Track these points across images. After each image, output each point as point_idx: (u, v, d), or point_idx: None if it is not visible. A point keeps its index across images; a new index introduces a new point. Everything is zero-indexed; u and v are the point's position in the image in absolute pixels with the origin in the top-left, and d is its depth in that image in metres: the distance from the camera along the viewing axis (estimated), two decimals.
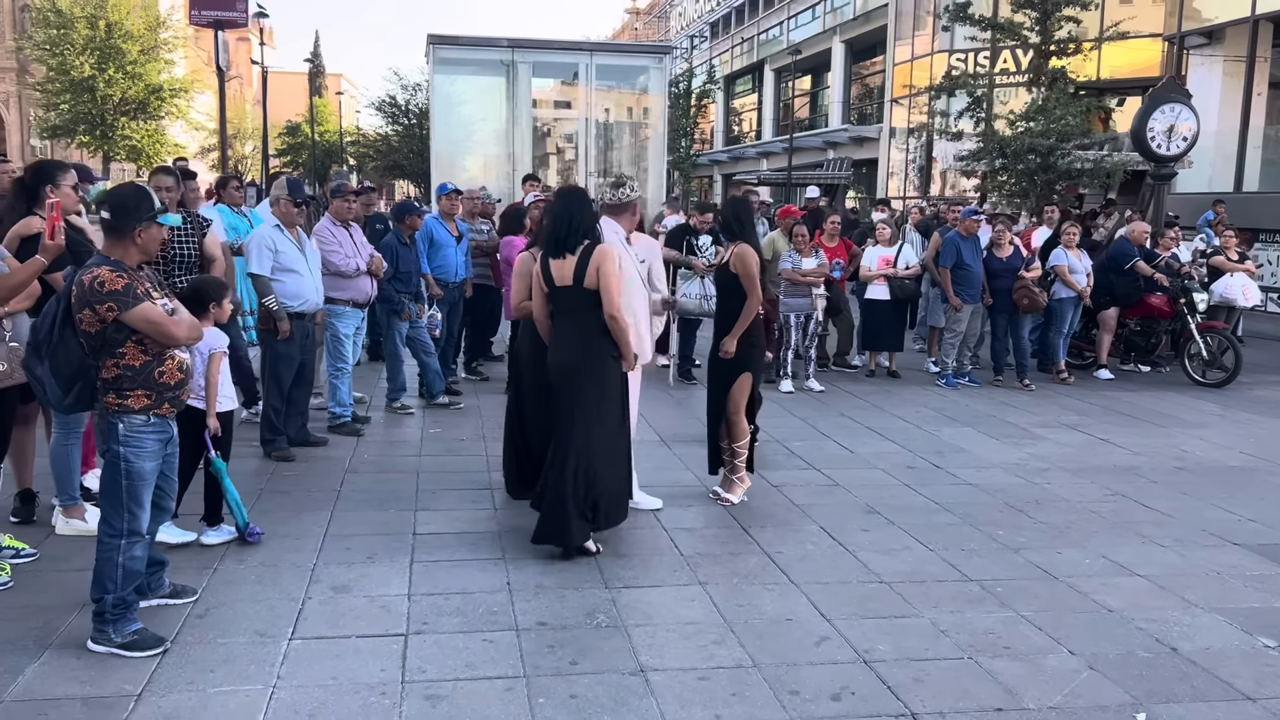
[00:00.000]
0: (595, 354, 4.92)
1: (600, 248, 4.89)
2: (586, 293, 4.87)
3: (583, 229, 4.92)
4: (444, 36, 15.57)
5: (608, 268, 4.84)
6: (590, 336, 4.92)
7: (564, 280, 4.89)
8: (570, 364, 4.91)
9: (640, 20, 62.74)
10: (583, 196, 5.13)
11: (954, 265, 9.87)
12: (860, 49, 36.50)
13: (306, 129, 57.00)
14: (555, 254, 4.92)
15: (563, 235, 4.91)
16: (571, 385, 4.90)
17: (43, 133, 47.94)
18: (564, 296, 4.93)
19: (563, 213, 4.98)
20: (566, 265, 4.88)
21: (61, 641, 3.90)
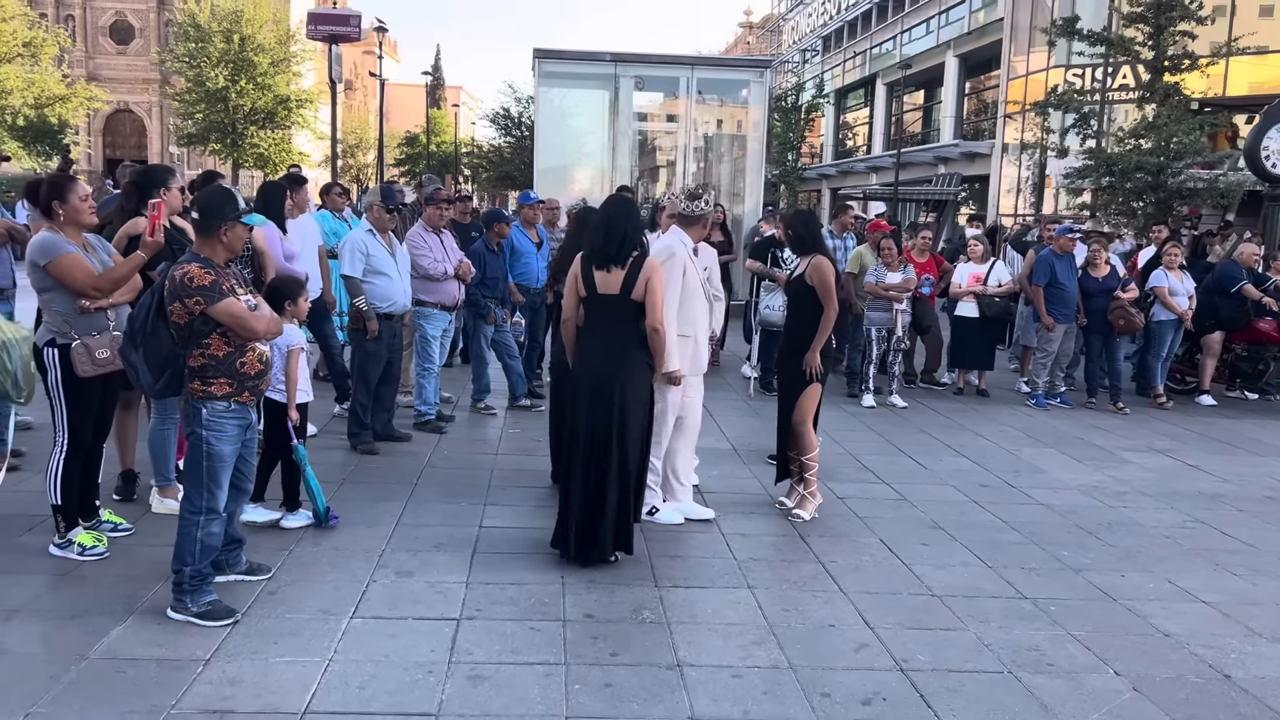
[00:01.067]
0: (632, 364, 4.92)
1: (650, 261, 4.93)
2: (632, 304, 4.89)
3: (632, 240, 4.92)
4: (549, 50, 15.94)
5: (656, 282, 4.88)
6: (629, 347, 4.93)
7: (609, 289, 4.91)
8: (608, 374, 4.88)
9: (753, 34, 62.75)
10: (630, 206, 5.14)
11: (1048, 284, 9.69)
12: (974, 64, 35.83)
13: (424, 140, 58.72)
14: (602, 266, 4.91)
15: (613, 249, 4.89)
16: (608, 395, 4.87)
17: (179, 140, 50.50)
18: (606, 304, 4.93)
19: (614, 225, 4.95)
20: (614, 275, 4.89)
21: (145, 608, 4.22)
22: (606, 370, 4.90)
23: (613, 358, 4.92)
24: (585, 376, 4.96)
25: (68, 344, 4.60)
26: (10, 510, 5.31)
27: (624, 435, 4.89)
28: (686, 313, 5.49)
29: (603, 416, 4.87)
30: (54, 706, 3.42)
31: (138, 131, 68.49)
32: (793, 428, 5.96)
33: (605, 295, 4.91)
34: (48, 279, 4.59)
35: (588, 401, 4.91)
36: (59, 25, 57.88)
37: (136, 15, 66.55)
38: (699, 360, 5.66)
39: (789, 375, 6.01)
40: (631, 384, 4.91)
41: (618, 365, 4.90)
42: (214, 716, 3.40)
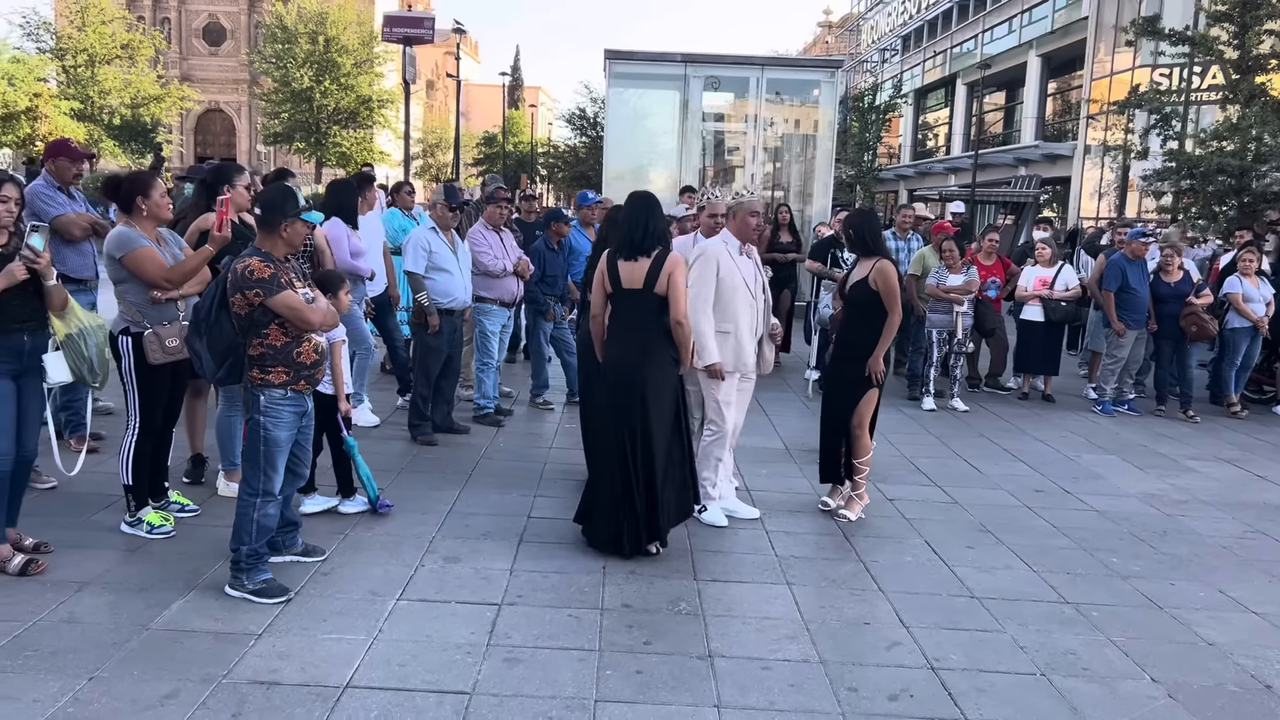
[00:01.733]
0: (655, 357, 5.00)
1: (673, 255, 5.01)
2: (655, 297, 4.98)
3: (656, 233, 5.02)
4: (619, 51, 16.08)
5: (678, 276, 4.97)
6: (651, 340, 5.02)
7: (633, 283, 5.01)
8: (631, 366, 4.99)
9: (832, 34, 62.26)
10: (654, 201, 5.20)
11: (1118, 289, 9.52)
12: (1058, 64, 35.12)
13: (501, 140, 59.48)
14: (628, 256, 5.02)
15: (637, 238, 5.01)
16: (631, 386, 4.97)
17: (265, 139, 51.95)
18: (630, 299, 5.04)
19: (637, 217, 5.07)
20: (638, 269, 4.99)
21: (205, 584, 4.44)
22: (630, 364, 5.01)
23: (636, 351, 5.02)
24: (611, 370, 5.09)
25: (140, 333, 4.86)
26: (88, 490, 5.61)
27: (648, 428, 4.97)
28: (726, 310, 5.53)
29: (626, 410, 4.98)
30: (115, 671, 3.64)
31: (227, 130, 70.56)
32: (850, 431, 5.91)
33: (629, 290, 5.03)
34: (122, 270, 4.85)
35: (612, 395, 5.04)
36: (155, 28, 60.00)
37: (228, 17, 68.60)
38: (742, 358, 5.68)
39: (845, 379, 5.90)
40: (653, 377, 4.99)
41: (641, 359, 5.00)
42: (261, 687, 3.59)
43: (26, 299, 4.49)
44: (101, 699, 3.44)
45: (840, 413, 5.97)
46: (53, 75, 44.17)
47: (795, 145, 17.85)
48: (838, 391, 6.01)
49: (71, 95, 42.30)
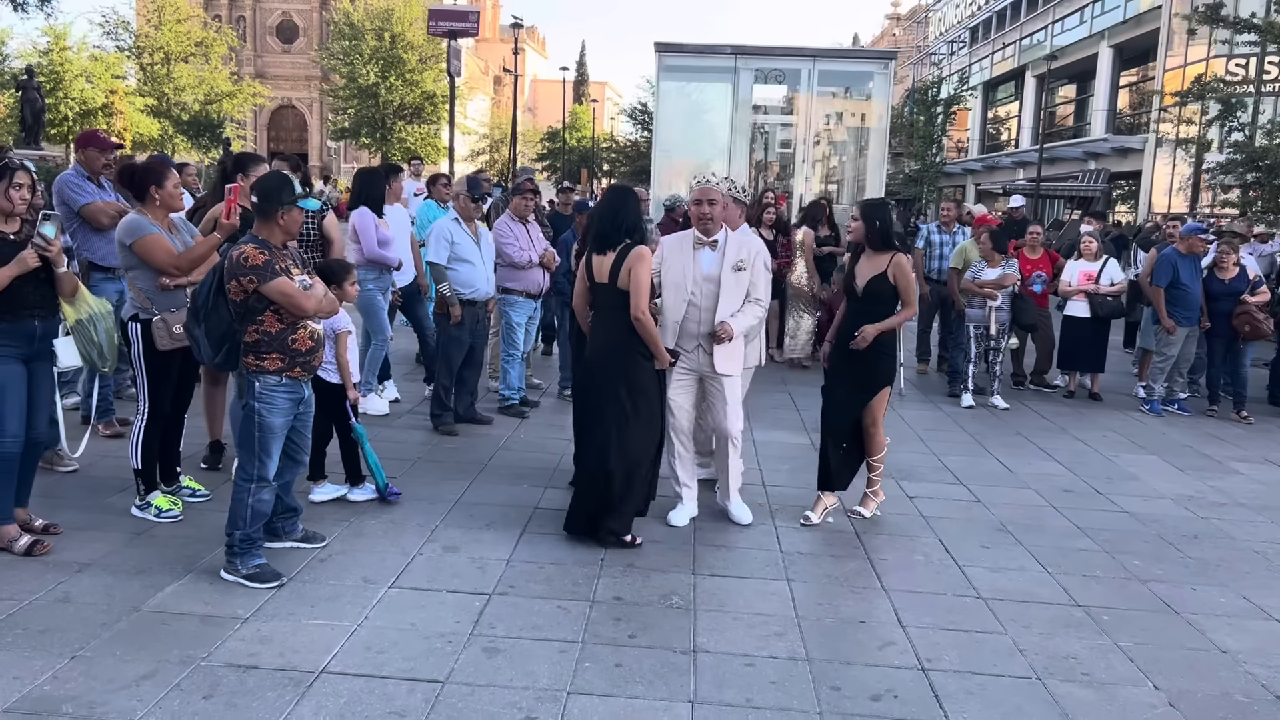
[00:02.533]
0: (621, 351, 5.00)
1: (636, 249, 4.94)
2: (619, 292, 4.96)
3: (625, 227, 5.00)
4: (669, 44, 15.97)
5: (639, 270, 4.90)
6: (618, 334, 5.00)
7: (601, 277, 5.02)
8: (599, 359, 5.06)
9: (900, 26, 61.37)
10: (628, 194, 5.20)
11: (1169, 285, 9.20)
12: (1130, 55, 34.16)
13: (565, 136, 59.74)
14: (598, 250, 5.05)
15: (606, 231, 5.02)
16: (600, 380, 5.03)
17: (332, 135, 52.89)
18: (601, 293, 5.08)
19: (606, 210, 5.10)
20: (606, 262, 5.00)
21: (202, 568, 4.50)
22: (600, 356, 5.07)
23: (606, 345, 5.06)
24: (585, 361, 5.20)
25: (149, 319, 4.94)
26: (108, 474, 5.74)
27: (620, 420, 4.97)
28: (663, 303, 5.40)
29: (594, 402, 5.05)
30: (98, 651, 3.69)
31: (299, 126, 72.06)
32: (864, 430, 5.73)
33: (599, 284, 5.06)
34: (133, 257, 4.93)
35: (585, 387, 5.13)
36: (230, 26, 61.40)
37: (301, 15, 69.98)
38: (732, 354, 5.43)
39: (855, 376, 5.62)
40: (624, 371, 5.00)
41: (610, 352, 5.03)
42: (238, 670, 3.61)
43: (38, 285, 4.59)
44: (80, 678, 3.50)
45: (845, 413, 5.66)
46: (131, 73, 45.53)
47: (848, 138, 17.60)
48: (843, 391, 5.66)
49: (147, 92, 43.53)
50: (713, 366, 5.35)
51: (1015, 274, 9.04)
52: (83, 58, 39.48)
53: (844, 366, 5.68)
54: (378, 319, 7.40)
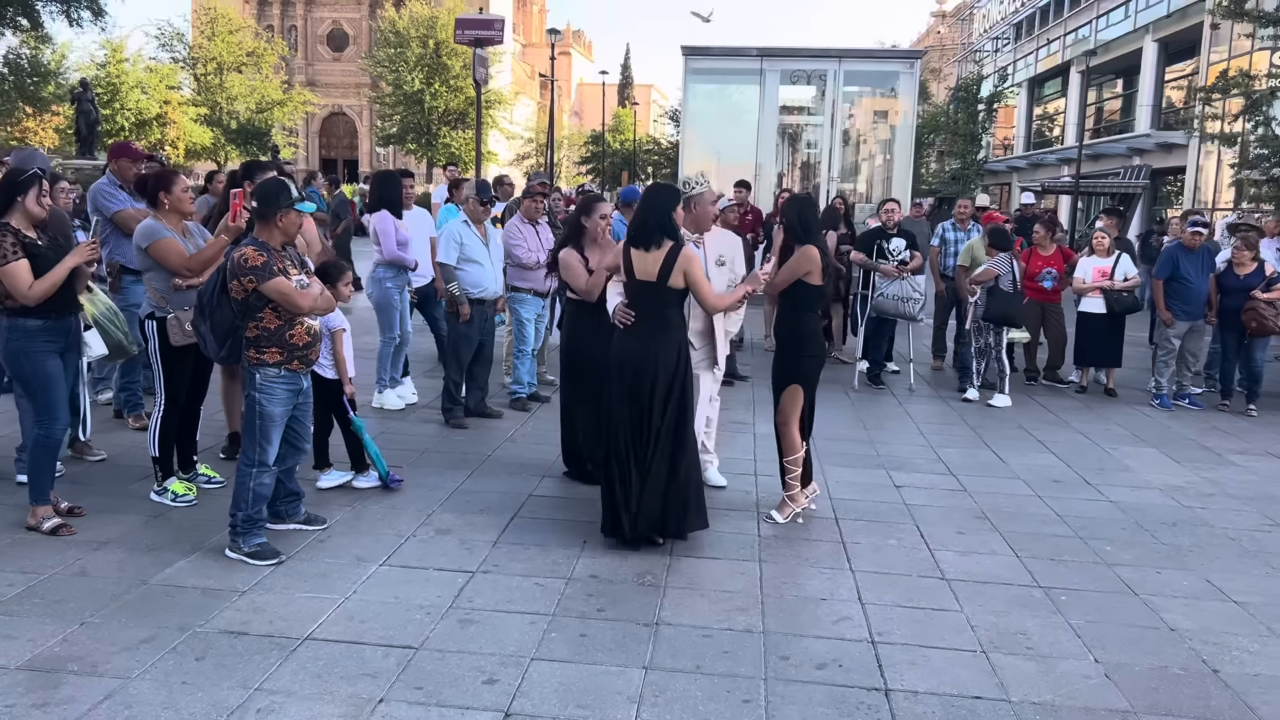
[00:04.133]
0: (667, 343, 5.06)
1: (685, 250, 5.07)
2: (670, 291, 5.05)
3: (661, 225, 5.04)
4: (696, 47, 16.28)
5: (695, 270, 5.07)
6: (666, 331, 5.07)
7: (647, 275, 5.09)
8: (642, 351, 5.04)
9: (944, 24, 60.94)
10: (669, 190, 5.32)
11: (1169, 278, 9.27)
12: (1175, 49, 33.66)
13: (609, 138, 60.18)
14: (641, 245, 5.08)
15: (650, 228, 5.06)
16: (650, 378, 5.01)
17: (379, 141, 53.81)
18: (644, 290, 5.08)
19: (646, 208, 5.15)
20: (651, 260, 5.07)
21: (209, 547, 4.84)
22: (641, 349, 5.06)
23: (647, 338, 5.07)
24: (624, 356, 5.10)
25: (164, 317, 5.31)
26: (132, 463, 6.13)
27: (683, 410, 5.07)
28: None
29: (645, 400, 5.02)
30: (105, 618, 4.05)
31: (350, 133, 73.21)
32: (775, 429, 5.73)
33: (643, 282, 5.05)
34: (148, 260, 5.31)
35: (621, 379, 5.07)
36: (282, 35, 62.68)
37: (350, 23, 71.14)
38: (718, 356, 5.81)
39: (774, 374, 5.70)
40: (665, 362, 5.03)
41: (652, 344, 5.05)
42: (230, 636, 3.94)
43: (68, 286, 5.00)
44: (87, 641, 3.85)
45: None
46: (186, 83, 46.76)
47: (872, 137, 17.72)
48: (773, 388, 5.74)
49: (201, 102, 44.68)
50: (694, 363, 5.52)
51: (996, 269, 9.08)
52: (138, 69, 40.66)
53: (773, 362, 5.76)
54: (388, 316, 7.74)
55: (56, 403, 4.96)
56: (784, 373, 5.59)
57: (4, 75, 30.35)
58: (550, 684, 3.67)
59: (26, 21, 28.36)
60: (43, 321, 4.88)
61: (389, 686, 3.61)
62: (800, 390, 5.56)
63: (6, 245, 4.73)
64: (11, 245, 4.74)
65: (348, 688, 3.59)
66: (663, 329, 5.12)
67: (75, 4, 27.84)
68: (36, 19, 28.34)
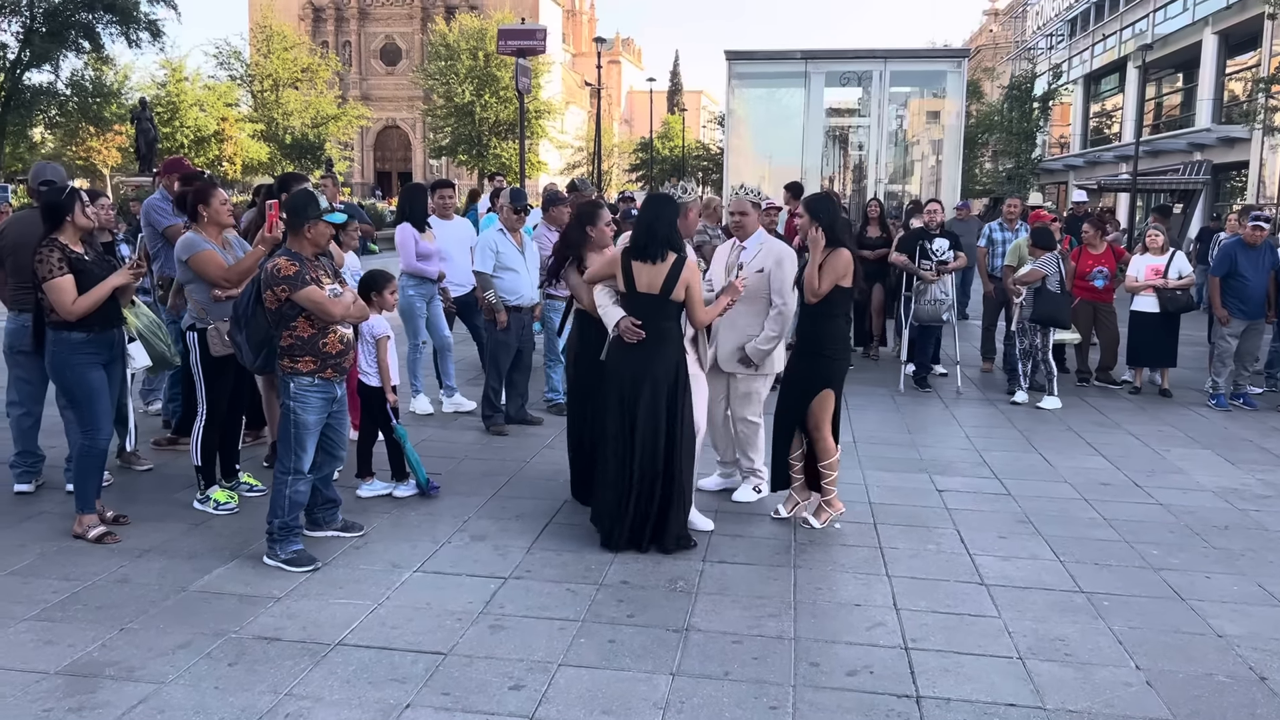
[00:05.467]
0: (668, 363, 5.04)
1: (689, 263, 5.02)
2: (671, 304, 5.00)
3: (664, 237, 4.98)
4: (739, 51, 16.19)
5: (696, 285, 5.03)
6: (663, 344, 5.03)
7: (650, 288, 4.99)
8: (646, 371, 5.02)
9: (997, 21, 60.13)
10: (668, 201, 5.18)
11: (1226, 275, 9.03)
12: (1236, 41, 32.84)
13: (658, 145, 60.24)
14: (642, 257, 5.01)
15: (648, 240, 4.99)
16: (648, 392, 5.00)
17: (431, 153, 54.46)
18: (644, 303, 5.01)
19: (651, 220, 5.04)
20: (656, 273, 4.97)
21: (248, 554, 4.92)
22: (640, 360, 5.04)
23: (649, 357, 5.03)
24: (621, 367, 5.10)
25: (204, 328, 5.41)
26: (178, 472, 6.25)
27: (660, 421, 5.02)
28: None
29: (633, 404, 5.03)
30: (144, 623, 4.13)
31: (404, 145, 74.19)
32: (809, 435, 5.55)
33: (644, 294, 5.01)
34: (189, 272, 5.41)
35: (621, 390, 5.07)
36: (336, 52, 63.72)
37: (403, 38, 72.12)
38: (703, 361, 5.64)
39: (798, 377, 5.57)
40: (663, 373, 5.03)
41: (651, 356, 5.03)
42: (263, 641, 3.99)
43: (113, 301, 5.14)
44: (125, 646, 3.92)
45: (790, 415, 5.60)
46: (244, 100, 47.75)
47: (921, 137, 17.51)
48: (789, 391, 5.62)
49: (257, 118, 45.58)
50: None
51: (1043, 270, 8.91)
52: (196, 88, 41.60)
53: (794, 365, 5.65)
54: (413, 324, 7.86)
55: (100, 414, 5.08)
56: (813, 377, 5.47)
57: (68, 96, 31.22)
58: (576, 690, 3.67)
59: (88, 44, 29.19)
60: (86, 334, 5.00)
61: (416, 692, 3.63)
62: (832, 395, 5.50)
63: (53, 261, 4.87)
64: (58, 261, 4.87)
65: (376, 693, 3.62)
66: (660, 342, 5.05)
67: (134, 25, 28.59)
68: (98, 41, 29.15)
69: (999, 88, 45.80)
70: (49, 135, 38.20)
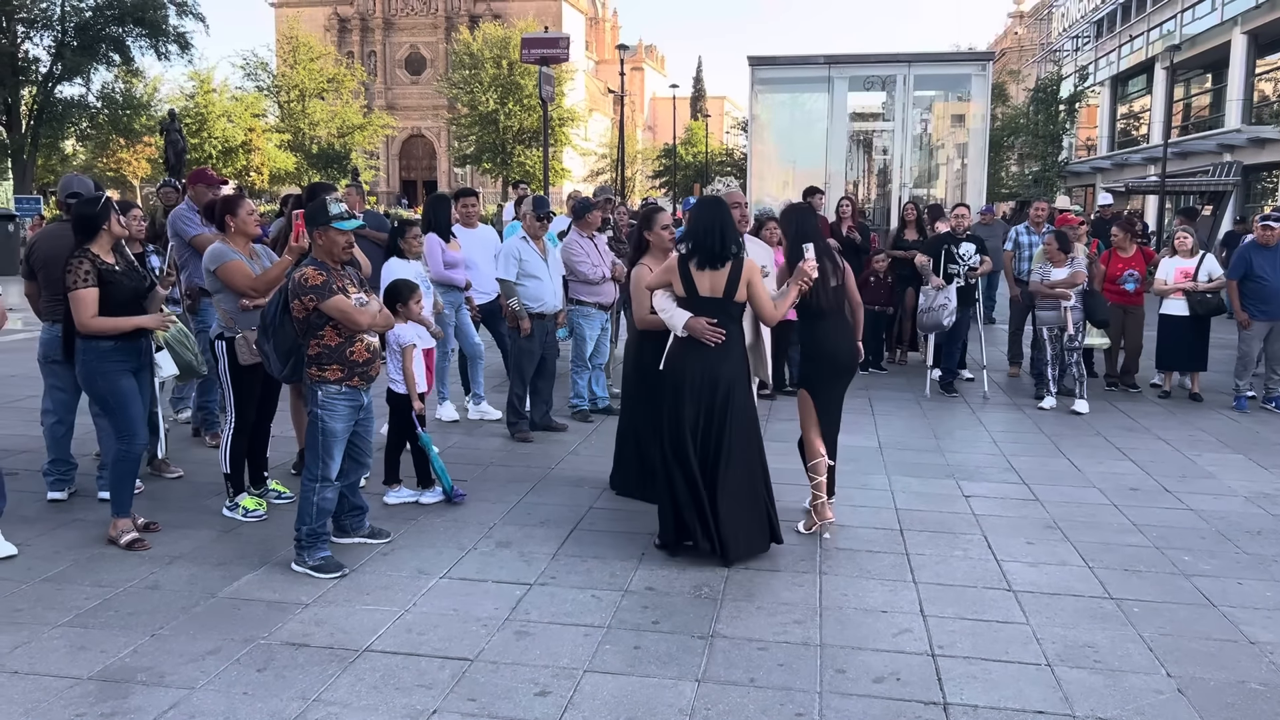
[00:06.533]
0: (737, 364, 5.03)
1: (748, 263, 5.00)
2: (736, 305, 4.98)
3: (737, 242, 4.98)
4: (762, 57, 16.19)
5: (758, 281, 4.99)
6: (731, 346, 5.00)
7: (714, 291, 4.94)
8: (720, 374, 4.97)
9: (1022, 24, 59.80)
10: (718, 204, 5.14)
11: (1243, 277, 8.95)
12: (1266, 40, 32.48)
13: (682, 151, 60.26)
14: (709, 265, 4.95)
15: (717, 247, 4.94)
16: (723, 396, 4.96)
17: (455, 161, 54.74)
18: (708, 307, 4.96)
19: (713, 224, 4.96)
20: (718, 277, 4.92)
21: (276, 561, 4.96)
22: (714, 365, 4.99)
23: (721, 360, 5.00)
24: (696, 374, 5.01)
25: (232, 337, 5.47)
26: (208, 479, 6.30)
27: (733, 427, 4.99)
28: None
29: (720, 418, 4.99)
30: (174, 629, 4.17)
31: (429, 154, 74.61)
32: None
33: (707, 298, 4.95)
34: (217, 282, 5.47)
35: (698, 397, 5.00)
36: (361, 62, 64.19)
37: (428, 47, 72.55)
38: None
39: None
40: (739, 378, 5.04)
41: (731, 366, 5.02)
42: (291, 648, 4.02)
43: (141, 311, 5.21)
44: (155, 652, 3.97)
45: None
46: (271, 111, 48.21)
47: (945, 141, 17.43)
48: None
49: (284, 128, 46.00)
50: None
51: (1083, 271, 8.87)
52: (224, 99, 42.06)
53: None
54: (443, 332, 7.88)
55: (134, 419, 5.15)
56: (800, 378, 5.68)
57: (98, 109, 31.64)
58: (602, 696, 3.67)
59: (118, 57, 29.57)
60: (114, 342, 5.07)
61: (443, 698, 3.65)
62: (807, 395, 5.52)
63: (82, 272, 4.93)
64: (85, 273, 4.93)
65: (403, 699, 3.64)
66: (730, 344, 5.02)
67: (163, 38, 28.96)
68: (127, 54, 29.54)
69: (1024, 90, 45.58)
70: (80, 147, 38.76)
